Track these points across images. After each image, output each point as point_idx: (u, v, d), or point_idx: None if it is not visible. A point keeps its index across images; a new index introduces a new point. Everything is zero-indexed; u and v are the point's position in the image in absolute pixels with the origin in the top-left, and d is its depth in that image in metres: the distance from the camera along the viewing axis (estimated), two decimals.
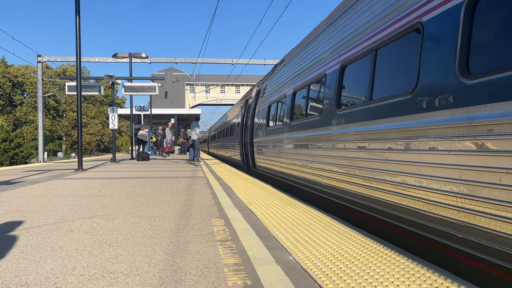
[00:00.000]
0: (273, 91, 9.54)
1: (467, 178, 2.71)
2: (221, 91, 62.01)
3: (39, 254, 2.84)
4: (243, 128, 14.01)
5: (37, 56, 28.89)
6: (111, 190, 6.63)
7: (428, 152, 3.12)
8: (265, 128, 9.88)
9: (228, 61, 30.36)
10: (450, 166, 2.87)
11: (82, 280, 2.29)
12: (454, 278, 2.25)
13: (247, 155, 12.96)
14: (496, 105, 2.45)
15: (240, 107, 16.17)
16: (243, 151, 13.70)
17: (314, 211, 4.54)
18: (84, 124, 70.41)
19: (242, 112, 14.55)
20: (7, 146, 44.13)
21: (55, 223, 3.95)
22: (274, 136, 8.72)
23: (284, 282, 2.23)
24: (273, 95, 9.39)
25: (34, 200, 5.58)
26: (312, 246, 2.99)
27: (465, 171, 2.73)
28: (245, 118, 13.84)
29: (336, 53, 5.45)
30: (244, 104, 14.60)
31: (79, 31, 10.89)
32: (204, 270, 2.46)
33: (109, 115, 16.26)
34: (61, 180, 8.62)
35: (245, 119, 13.81)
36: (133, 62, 23.39)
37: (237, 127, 15.80)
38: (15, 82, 70.89)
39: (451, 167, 2.86)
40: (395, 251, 2.84)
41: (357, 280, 2.25)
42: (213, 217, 4.22)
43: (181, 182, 8.01)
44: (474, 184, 2.65)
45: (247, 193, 6.16)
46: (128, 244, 3.10)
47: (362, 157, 4.34)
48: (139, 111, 27.34)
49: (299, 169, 6.95)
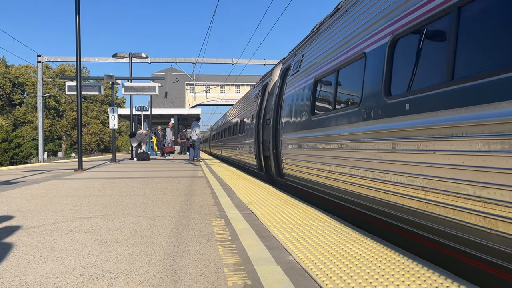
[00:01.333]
0: (326, 56, 5.96)
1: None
2: (221, 91, 62.04)
3: (39, 254, 2.84)
4: (259, 122, 10.64)
5: (37, 56, 28.89)
6: (111, 190, 6.63)
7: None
8: (306, 118, 6.44)
9: (228, 61, 30.36)
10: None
11: (82, 280, 2.29)
12: (454, 278, 2.25)
13: (267, 159, 9.80)
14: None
15: (254, 96, 12.47)
16: (260, 153, 10.52)
17: (314, 211, 4.53)
18: (84, 124, 70.46)
19: (258, 102, 11.13)
20: (7, 146, 44.13)
21: (55, 223, 3.95)
22: (331, 129, 5.35)
23: (284, 282, 2.23)
24: (327, 61, 5.83)
25: (34, 200, 5.58)
26: (312, 246, 2.99)
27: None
28: (263, 108, 10.44)
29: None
30: (261, 91, 11.16)
31: (79, 31, 10.89)
32: (204, 270, 2.46)
33: (109, 115, 16.28)
34: (61, 180, 8.61)
35: (263, 110, 10.40)
36: (133, 62, 23.41)
37: (249, 122, 12.24)
38: (15, 82, 70.92)
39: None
40: (395, 251, 2.84)
41: (357, 280, 2.25)
42: (213, 217, 4.22)
43: (181, 182, 8.01)
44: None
45: (247, 193, 6.16)
46: (128, 244, 3.10)
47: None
48: (139, 111, 27.34)
49: (406, 191, 3.53)
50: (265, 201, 5.35)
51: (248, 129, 12.37)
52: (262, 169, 10.44)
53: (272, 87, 10.12)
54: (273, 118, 8.86)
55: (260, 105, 10.91)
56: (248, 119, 12.68)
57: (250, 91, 14.66)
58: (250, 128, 11.93)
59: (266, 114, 10.14)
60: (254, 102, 12.06)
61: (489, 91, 2.54)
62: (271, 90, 10.14)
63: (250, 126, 11.95)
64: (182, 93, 58.04)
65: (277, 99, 8.81)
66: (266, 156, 9.72)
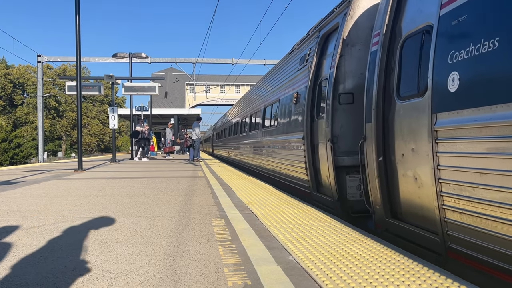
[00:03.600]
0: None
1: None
2: (221, 91, 62.03)
3: (39, 254, 2.84)
4: (313, 104, 6.33)
5: (37, 56, 28.89)
6: (111, 190, 6.63)
7: None
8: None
9: (228, 61, 30.38)
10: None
11: (82, 280, 2.29)
12: (454, 278, 2.25)
13: (341, 172, 5.38)
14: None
15: (297, 62, 7.58)
16: (314, 160, 6.23)
17: (314, 211, 4.53)
18: (84, 124, 70.48)
19: (310, 68, 6.46)
20: (7, 146, 44.16)
21: (55, 223, 3.95)
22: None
23: (284, 282, 2.23)
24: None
25: (34, 200, 5.58)
26: (312, 246, 2.99)
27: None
28: (333, 75, 5.52)
29: None
30: (316, 49, 6.39)
31: (79, 31, 10.89)
32: (204, 270, 2.46)
33: (109, 115, 16.28)
34: (61, 180, 8.61)
35: (333, 76, 5.51)
36: (133, 62, 23.40)
37: (288, 107, 7.74)
38: (16, 83, 70.96)
39: None
40: (395, 251, 2.84)
41: (357, 280, 2.25)
42: (213, 217, 4.22)
43: (181, 182, 8.01)
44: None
45: (247, 193, 6.16)
46: (128, 244, 3.10)
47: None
48: (139, 111, 27.36)
49: None
50: (265, 201, 5.35)
51: (286, 119, 7.80)
52: (318, 188, 6.17)
53: (356, 29, 5.45)
54: (378, 88, 4.10)
55: (315, 72, 6.31)
56: (285, 106, 8.01)
57: (284, 60, 9.11)
58: (291, 117, 7.46)
59: (339, 84, 5.46)
60: (297, 73, 7.34)
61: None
62: (353, 36, 5.47)
63: (290, 113, 7.48)
64: (182, 93, 58.05)
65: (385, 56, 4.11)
66: (341, 167, 5.31)
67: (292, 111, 7.40)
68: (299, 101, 6.97)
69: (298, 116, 6.94)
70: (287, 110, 7.76)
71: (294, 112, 7.27)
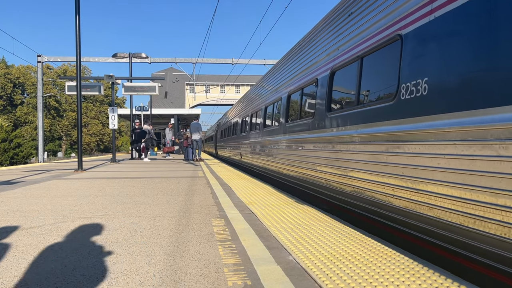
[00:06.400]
0: None
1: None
2: (221, 91, 62.05)
3: (39, 254, 2.84)
4: None
5: (37, 56, 28.90)
6: (111, 190, 6.63)
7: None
8: None
9: (228, 61, 30.38)
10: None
11: (82, 280, 2.29)
12: (454, 278, 2.25)
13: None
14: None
15: None
16: None
17: (314, 211, 4.54)
18: (84, 124, 70.50)
19: None
20: (7, 146, 44.14)
21: (55, 223, 3.95)
22: None
23: (284, 282, 2.23)
24: None
25: (34, 200, 5.58)
26: (312, 246, 2.99)
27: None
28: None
29: None
30: None
31: (79, 31, 10.89)
32: (204, 270, 2.46)
33: (109, 115, 16.27)
34: (61, 180, 8.61)
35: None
36: (133, 62, 23.42)
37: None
38: (16, 83, 70.96)
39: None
40: (395, 251, 2.84)
41: (357, 280, 2.25)
42: (213, 217, 4.22)
43: (181, 182, 8.01)
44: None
45: (247, 193, 6.16)
46: (128, 244, 3.10)
47: None
48: (139, 111, 27.35)
49: None
50: (265, 201, 5.35)
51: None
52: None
53: None
54: None
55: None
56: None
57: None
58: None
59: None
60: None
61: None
62: None
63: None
64: (182, 93, 58.05)
65: None
66: None
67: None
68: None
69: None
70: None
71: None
